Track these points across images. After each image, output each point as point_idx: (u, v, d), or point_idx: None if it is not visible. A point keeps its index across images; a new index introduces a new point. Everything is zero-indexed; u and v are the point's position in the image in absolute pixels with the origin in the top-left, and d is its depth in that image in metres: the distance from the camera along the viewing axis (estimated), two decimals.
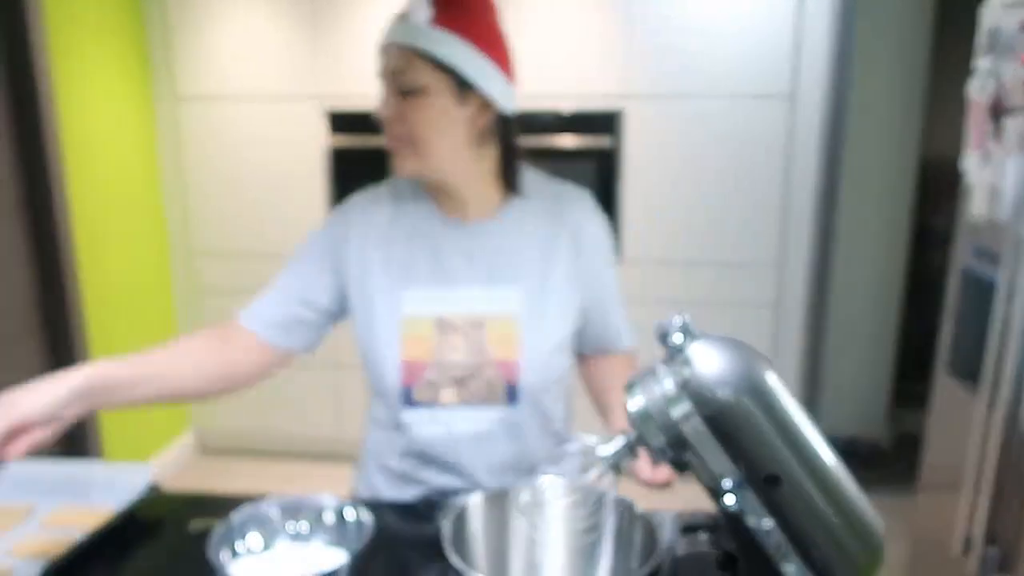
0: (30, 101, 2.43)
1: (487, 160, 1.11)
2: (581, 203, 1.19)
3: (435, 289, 1.12)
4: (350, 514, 1.01)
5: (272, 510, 1.02)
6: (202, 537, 0.96)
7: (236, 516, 0.98)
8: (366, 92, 2.95)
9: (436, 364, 1.12)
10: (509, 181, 1.13)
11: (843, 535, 0.70)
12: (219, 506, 1.12)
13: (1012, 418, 1.62)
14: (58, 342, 2.59)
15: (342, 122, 3.00)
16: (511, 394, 1.12)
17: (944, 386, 1.95)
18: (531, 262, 1.12)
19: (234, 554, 0.97)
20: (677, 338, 0.70)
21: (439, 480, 1.18)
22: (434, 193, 1.14)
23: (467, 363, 1.11)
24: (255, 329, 1.14)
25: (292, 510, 1.02)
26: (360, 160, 3.01)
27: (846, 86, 2.76)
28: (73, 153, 2.60)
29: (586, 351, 1.27)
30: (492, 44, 1.05)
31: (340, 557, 0.98)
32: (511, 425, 1.14)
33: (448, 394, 1.13)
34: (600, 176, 2.90)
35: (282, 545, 1.01)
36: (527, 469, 1.18)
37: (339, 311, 1.19)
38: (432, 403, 1.13)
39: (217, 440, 3.42)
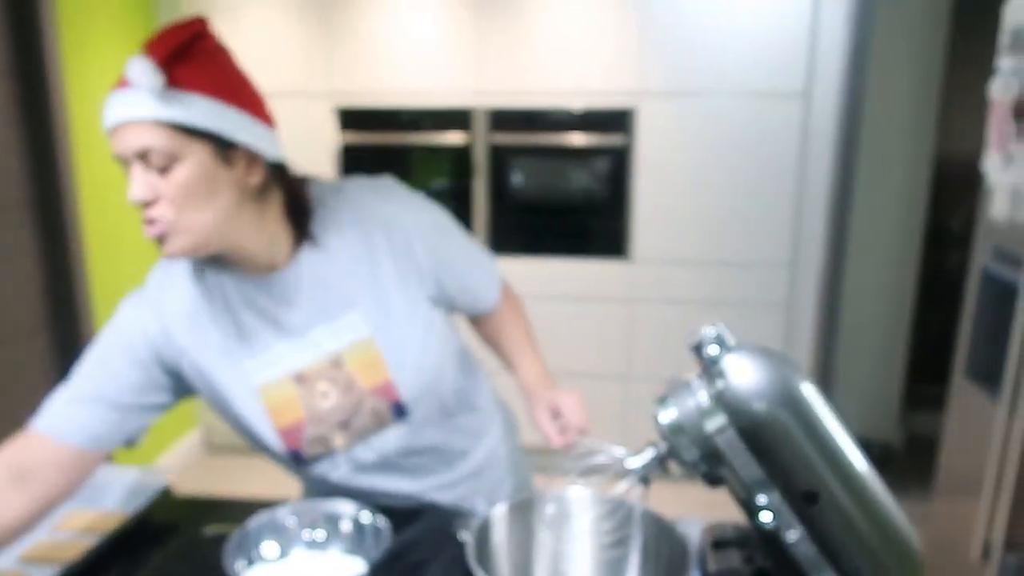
0: (41, 97, 2.41)
1: (273, 207, 1.00)
2: (383, 194, 1.09)
3: (277, 348, 1.04)
4: (367, 521, 0.99)
5: (288, 517, 1.00)
6: (216, 542, 0.94)
7: (252, 523, 0.97)
8: (377, 89, 2.94)
9: (312, 419, 1.05)
10: (300, 223, 1.03)
11: (881, 554, 0.68)
12: (233, 510, 1.11)
13: None
14: (68, 340, 2.58)
15: (352, 119, 2.98)
16: (399, 411, 1.08)
17: (962, 389, 1.93)
18: (358, 278, 1.04)
19: (249, 562, 0.95)
20: (712, 350, 0.68)
21: (377, 494, 1.14)
22: (228, 257, 1.01)
23: (343, 404, 1.05)
24: (69, 440, 0.98)
25: (309, 517, 1.01)
26: (370, 157, 2.99)
27: (861, 84, 2.73)
28: (83, 150, 2.59)
29: (468, 316, 1.24)
30: (239, 93, 0.93)
31: (357, 566, 0.96)
32: (413, 434, 1.11)
33: (339, 439, 1.07)
34: (612, 174, 2.88)
35: (298, 553, 0.99)
36: (449, 451, 1.17)
37: (166, 402, 1.07)
38: (327, 454, 1.08)
39: (225, 438, 3.40)
